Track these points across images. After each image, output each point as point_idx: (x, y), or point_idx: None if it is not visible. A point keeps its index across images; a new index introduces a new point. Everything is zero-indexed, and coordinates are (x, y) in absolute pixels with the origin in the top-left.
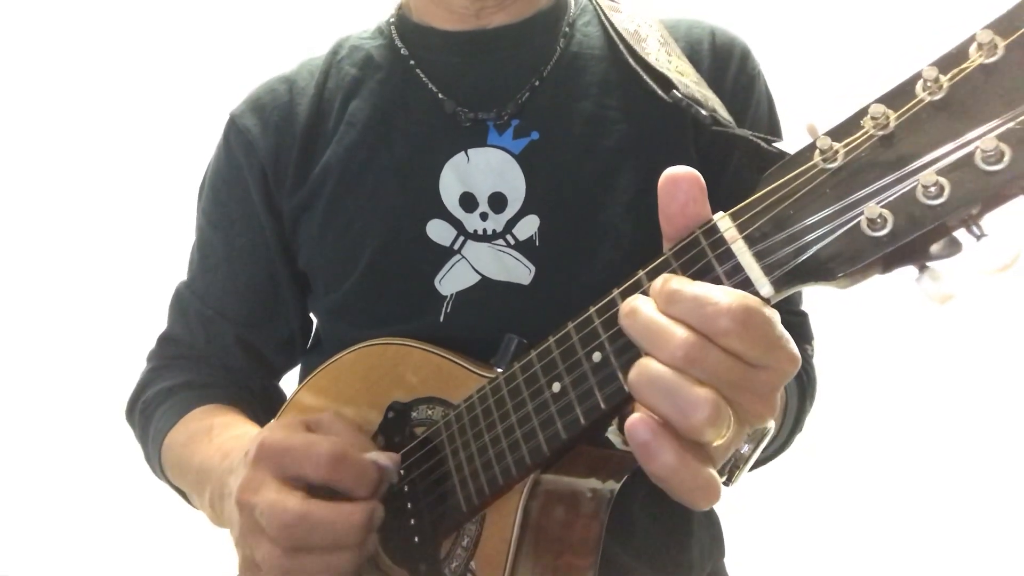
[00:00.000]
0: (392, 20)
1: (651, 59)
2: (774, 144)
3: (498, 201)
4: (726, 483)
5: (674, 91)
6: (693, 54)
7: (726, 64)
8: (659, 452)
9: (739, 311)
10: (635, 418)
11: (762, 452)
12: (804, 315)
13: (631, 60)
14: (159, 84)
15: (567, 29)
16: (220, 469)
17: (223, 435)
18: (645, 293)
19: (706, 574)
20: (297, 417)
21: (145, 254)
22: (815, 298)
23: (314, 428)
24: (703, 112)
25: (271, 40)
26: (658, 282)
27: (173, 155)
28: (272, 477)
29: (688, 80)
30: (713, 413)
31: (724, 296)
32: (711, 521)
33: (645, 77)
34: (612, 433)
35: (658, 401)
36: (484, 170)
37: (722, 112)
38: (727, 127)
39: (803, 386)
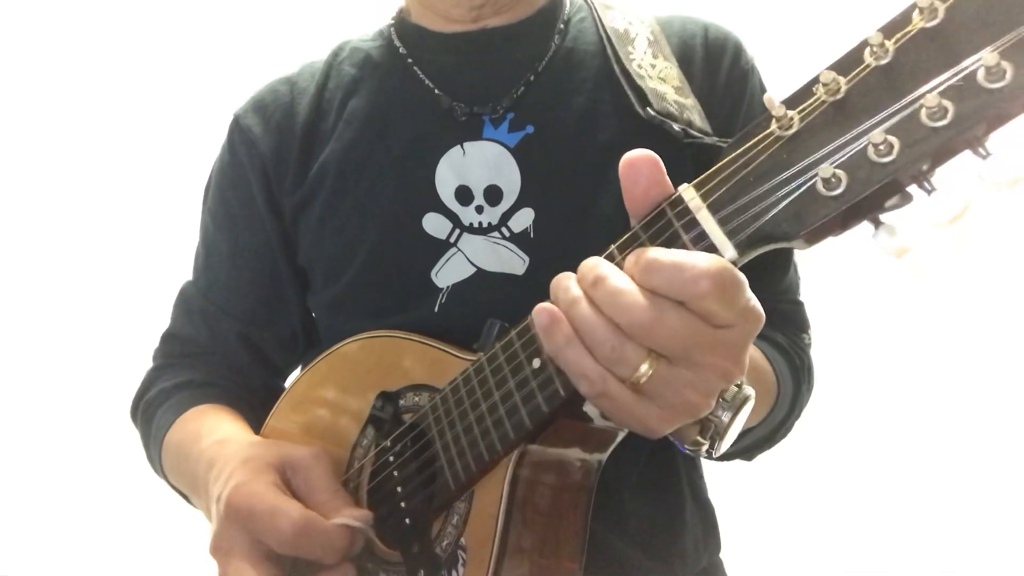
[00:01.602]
0: (392, 23)
1: (634, 64)
2: None
3: (494, 194)
4: (709, 453)
5: (648, 108)
6: (687, 50)
7: (719, 60)
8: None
9: (717, 273)
10: (540, 306)
11: (761, 432)
12: (800, 303)
13: (616, 67)
14: (165, 86)
15: (562, 27)
16: (205, 479)
17: (209, 440)
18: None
19: (701, 567)
20: (275, 451)
21: (152, 253)
22: (813, 290)
23: (289, 475)
24: (676, 128)
25: (275, 43)
26: (632, 257)
27: (180, 156)
28: (241, 541)
29: (668, 88)
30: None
31: (702, 260)
32: (705, 512)
33: (626, 88)
34: (589, 406)
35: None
36: (480, 163)
37: (698, 120)
38: (697, 138)
39: (797, 371)
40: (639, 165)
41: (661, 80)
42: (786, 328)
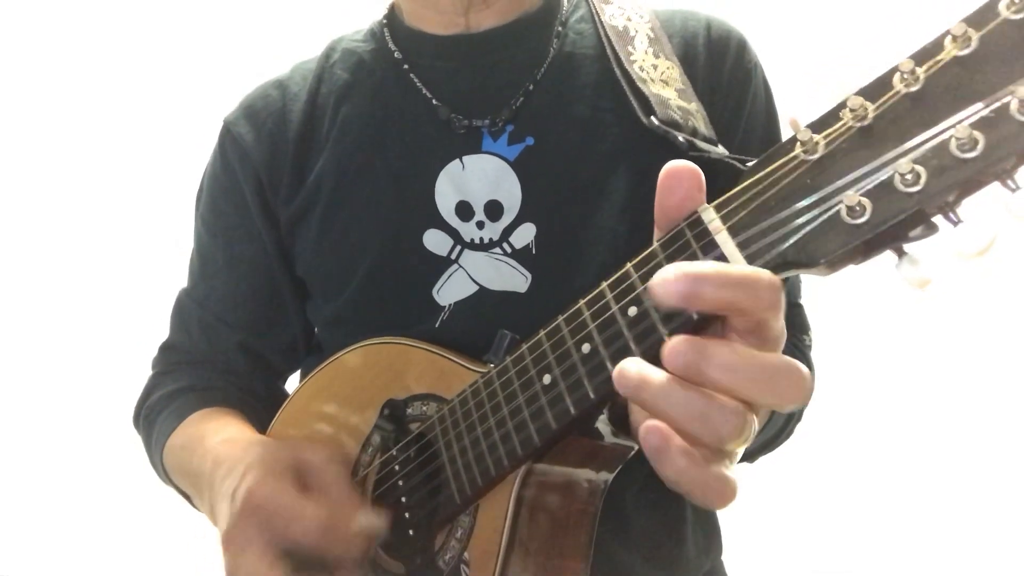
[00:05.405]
0: (384, 22)
1: (635, 67)
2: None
3: (494, 209)
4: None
5: (652, 117)
6: (689, 49)
7: (722, 59)
8: (672, 457)
9: (778, 284)
10: (649, 425)
11: (762, 438)
12: (800, 306)
13: (617, 70)
14: (157, 87)
15: (560, 28)
16: (211, 477)
17: (214, 439)
18: (631, 286)
19: (704, 571)
20: (288, 452)
21: (152, 259)
22: (815, 291)
23: (304, 475)
24: (680, 139)
25: (265, 41)
26: (678, 269)
27: (176, 157)
28: (257, 538)
29: (671, 92)
30: (739, 422)
31: (763, 273)
32: (707, 517)
33: (628, 94)
34: (602, 423)
35: (683, 419)
36: (480, 178)
37: (703, 127)
38: (704, 152)
39: None
40: (681, 175)
41: (664, 83)
42: (786, 330)
